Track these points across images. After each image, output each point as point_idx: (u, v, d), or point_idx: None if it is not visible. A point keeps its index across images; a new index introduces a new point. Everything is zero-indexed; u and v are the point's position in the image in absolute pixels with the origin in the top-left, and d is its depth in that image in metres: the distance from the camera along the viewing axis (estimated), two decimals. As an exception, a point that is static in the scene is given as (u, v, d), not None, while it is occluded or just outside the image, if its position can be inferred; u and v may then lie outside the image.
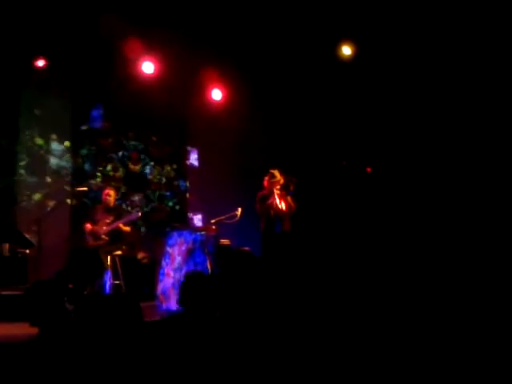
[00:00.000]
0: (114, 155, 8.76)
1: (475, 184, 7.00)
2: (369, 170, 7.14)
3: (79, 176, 8.38)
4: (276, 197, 6.66)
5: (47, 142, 8.21)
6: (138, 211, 7.14)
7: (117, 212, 7.23)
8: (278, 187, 6.72)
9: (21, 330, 4.69)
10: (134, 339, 2.27)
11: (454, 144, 7.30)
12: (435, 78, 7.42)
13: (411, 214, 7.43)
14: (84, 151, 8.50)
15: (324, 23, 7.43)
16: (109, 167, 8.69)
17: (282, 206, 6.65)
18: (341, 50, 7.92)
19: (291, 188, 6.76)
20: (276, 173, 6.81)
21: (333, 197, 8.16)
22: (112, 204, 7.22)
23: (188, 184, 9.44)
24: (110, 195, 7.19)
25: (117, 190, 7.78)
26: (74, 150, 8.41)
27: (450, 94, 7.31)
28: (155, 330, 2.50)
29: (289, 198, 6.74)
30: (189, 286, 2.77)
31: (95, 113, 8.61)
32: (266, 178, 6.87)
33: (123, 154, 8.86)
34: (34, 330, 2.79)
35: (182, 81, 8.42)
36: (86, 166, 8.50)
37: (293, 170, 7.12)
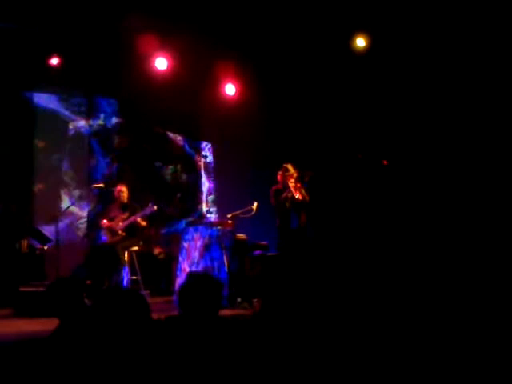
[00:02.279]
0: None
1: (494, 176, 6.91)
2: (385, 162, 7.05)
3: (95, 173, 8.43)
4: (291, 189, 6.67)
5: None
6: (152, 205, 7.15)
7: (132, 208, 7.25)
8: (293, 180, 6.73)
9: (40, 325, 4.75)
10: (141, 336, 2.25)
11: (471, 136, 7.20)
12: (451, 69, 7.32)
13: (428, 207, 7.35)
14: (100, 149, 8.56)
15: (338, 15, 7.36)
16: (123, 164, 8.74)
17: (298, 196, 6.66)
18: (355, 42, 7.85)
19: (306, 179, 6.77)
20: (289, 167, 6.83)
21: (349, 190, 8.11)
22: (126, 200, 7.24)
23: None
24: (123, 191, 7.21)
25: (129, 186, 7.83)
26: (89, 149, 8.47)
27: (467, 85, 7.20)
28: (163, 328, 2.48)
29: (303, 190, 6.75)
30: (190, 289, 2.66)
31: (109, 108, 8.66)
32: (280, 172, 6.88)
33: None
34: (54, 326, 2.80)
35: (195, 76, 8.41)
36: (102, 163, 8.55)
37: (308, 164, 7.09)
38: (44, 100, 8.15)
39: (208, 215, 9.16)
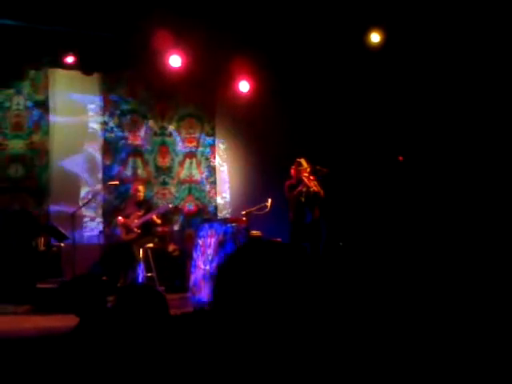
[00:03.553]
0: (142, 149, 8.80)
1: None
2: (401, 158, 7.02)
3: (110, 170, 8.45)
4: (306, 182, 6.70)
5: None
6: (168, 203, 7.21)
7: (147, 205, 7.33)
8: (306, 174, 6.76)
9: (58, 321, 4.79)
10: (159, 332, 2.25)
11: (487, 132, 7.11)
12: (467, 64, 7.24)
13: (445, 204, 7.29)
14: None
15: (353, 11, 7.31)
16: (138, 161, 8.73)
17: (313, 188, 6.68)
18: (369, 38, 7.80)
19: (320, 173, 6.80)
20: (303, 161, 6.87)
21: (364, 187, 8.07)
22: (142, 198, 7.34)
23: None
24: (140, 190, 7.32)
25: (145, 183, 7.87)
26: (104, 146, 8.48)
27: (485, 81, 7.11)
28: (181, 324, 2.47)
29: (316, 183, 6.77)
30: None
31: (123, 106, 8.66)
32: (293, 166, 6.91)
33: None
34: (71, 322, 2.82)
35: (209, 73, 8.41)
36: (117, 161, 8.55)
37: (323, 161, 7.07)
38: (60, 100, 8.18)
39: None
